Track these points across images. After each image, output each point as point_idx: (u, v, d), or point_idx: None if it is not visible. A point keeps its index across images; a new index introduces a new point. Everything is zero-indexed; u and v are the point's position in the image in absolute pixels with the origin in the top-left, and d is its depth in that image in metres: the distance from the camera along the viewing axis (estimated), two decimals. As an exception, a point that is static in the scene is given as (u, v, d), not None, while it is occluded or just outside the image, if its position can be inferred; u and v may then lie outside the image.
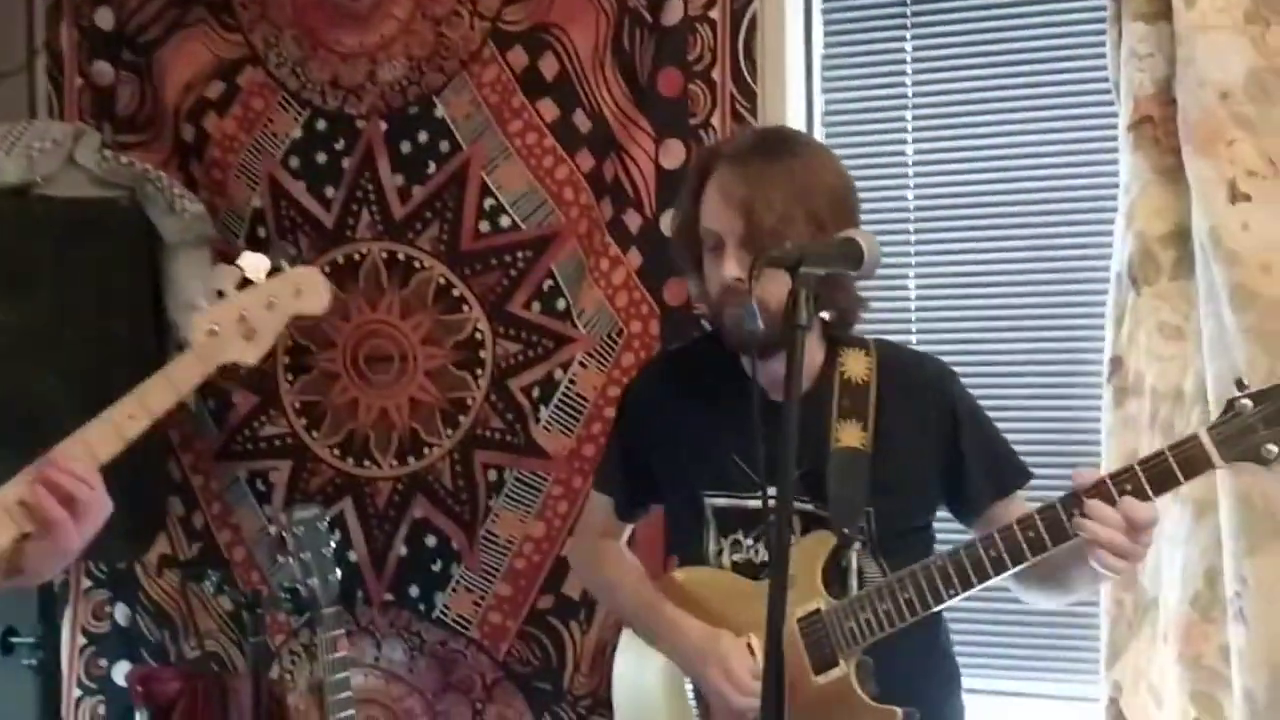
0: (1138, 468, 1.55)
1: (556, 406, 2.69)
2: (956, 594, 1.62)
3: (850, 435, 1.73)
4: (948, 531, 1.90)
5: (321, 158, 2.85)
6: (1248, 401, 1.51)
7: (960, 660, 1.95)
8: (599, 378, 2.66)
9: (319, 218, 2.85)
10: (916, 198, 2.57)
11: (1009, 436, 1.89)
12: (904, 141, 2.57)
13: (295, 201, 2.87)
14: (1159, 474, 1.53)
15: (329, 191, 2.85)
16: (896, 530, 1.70)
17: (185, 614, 2.96)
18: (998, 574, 1.60)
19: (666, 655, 1.85)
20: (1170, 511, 2.28)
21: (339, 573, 2.28)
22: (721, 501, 1.81)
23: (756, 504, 1.76)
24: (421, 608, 2.80)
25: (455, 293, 2.76)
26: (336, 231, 2.84)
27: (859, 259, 1.54)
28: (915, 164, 2.57)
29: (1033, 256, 2.50)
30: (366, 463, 2.84)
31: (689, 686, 1.84)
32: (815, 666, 1.68)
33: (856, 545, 1.72)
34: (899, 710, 1.66)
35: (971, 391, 1.87)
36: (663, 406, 1.89)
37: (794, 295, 1.42)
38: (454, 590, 2.77)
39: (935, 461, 1.76)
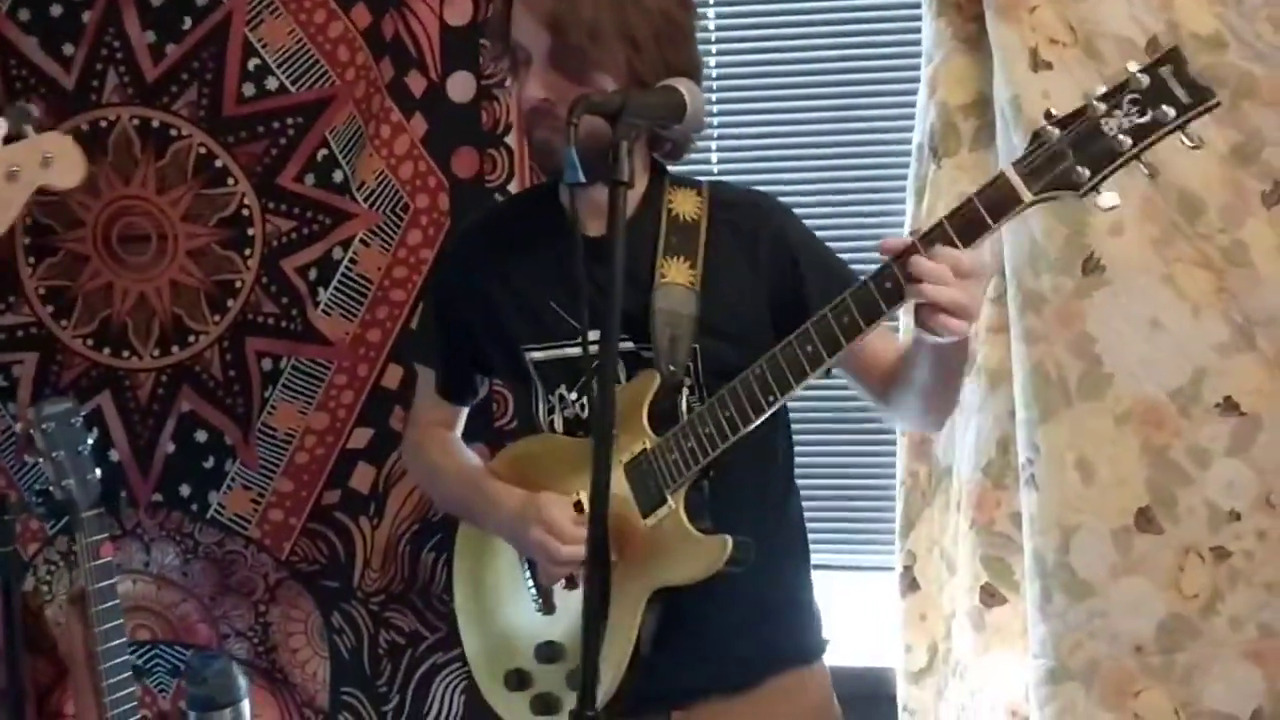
0: (944, 220, 1.41)
1: (336, 289, 2.52)
2: (777, 400, 1.51)
3: (677, 272, 1.62)
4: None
5: (56, 10, 2.54)
6: (1054, 129, 1.35)
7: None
8: (383, 257, 2.49)
9: (57, 79, 2.55)
10: (719, 65, 2.52)
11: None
12: (707, 4, 2.48)
13: (27, 60, 2.55)
14: (967, 222, 1.39)
15: (67, 49, 2.55)
16: (723, 371, 1.58)
17: (-83, 527, 2.68)
18: (815, 369, 1.48)
19: (494, 534, 1.74)
20: (965, 383, 2.31)
21: (98, 473, 2.12)
22: (540, 354, 1.69)
23: (576, 351, 1.64)
24: (194, 508, 2.62)
25: (218, 164, 2.54)
26: (79, 95, 2.55)
27: (681, 111, 1.44)
28: (717, 29, 2.51)
29: (836, 129, 2.50)
30: (125, 353, 2.61)
31: (523, 562, 1.73)
32: (643, 509, 1.58)
33: (686, 389, 1.62)
34: (729, 538, 1.55)
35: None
36: (479, 263, 1.74)
37: (615, 148, 1.31)
38: (229, 488, 2.60)
39: (768, 299, 1.66)
